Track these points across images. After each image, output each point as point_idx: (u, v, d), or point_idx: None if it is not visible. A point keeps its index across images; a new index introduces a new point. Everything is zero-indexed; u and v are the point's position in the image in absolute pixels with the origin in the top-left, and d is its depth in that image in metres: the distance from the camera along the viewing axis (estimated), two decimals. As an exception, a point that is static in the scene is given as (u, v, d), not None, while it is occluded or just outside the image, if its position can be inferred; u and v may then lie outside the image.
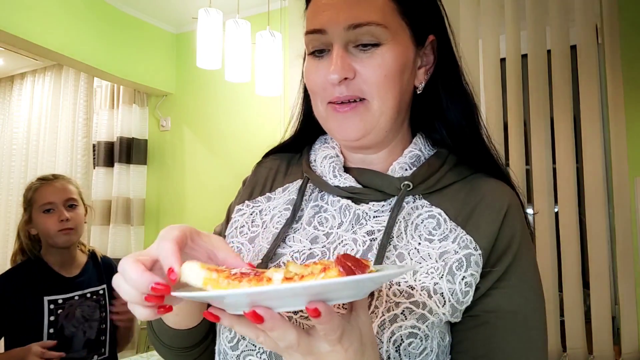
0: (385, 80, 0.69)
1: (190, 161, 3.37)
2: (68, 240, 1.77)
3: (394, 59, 0.69)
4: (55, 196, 1.77)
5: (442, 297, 0.65)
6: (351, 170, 0.76)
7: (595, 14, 2.15)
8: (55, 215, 1.75)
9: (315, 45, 0.72)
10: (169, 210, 3.42)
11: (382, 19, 0.69)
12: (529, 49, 2.22)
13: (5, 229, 3.64)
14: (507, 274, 0.69)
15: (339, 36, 0.69)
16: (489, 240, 0.69)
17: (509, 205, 0.71)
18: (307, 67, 0.74)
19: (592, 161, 2.10)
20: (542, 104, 2.19)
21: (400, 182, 0.72)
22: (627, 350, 2.01)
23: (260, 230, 0.77)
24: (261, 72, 2.60)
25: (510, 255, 0.69)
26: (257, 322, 0.47)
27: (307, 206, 0.76)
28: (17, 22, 2.53)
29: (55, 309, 1.73)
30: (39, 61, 3.63)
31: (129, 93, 3.42)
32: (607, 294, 2.05)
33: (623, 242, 2.04)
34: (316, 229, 0.73)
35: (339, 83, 0.69)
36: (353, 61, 0.69)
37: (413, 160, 0.75)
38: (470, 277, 0.66)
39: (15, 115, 3.92)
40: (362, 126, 0.71)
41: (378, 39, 0.68)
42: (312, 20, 0.72)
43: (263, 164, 0.88)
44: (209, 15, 2.49)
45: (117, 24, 3.10)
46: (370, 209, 0.72)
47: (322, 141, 0.84)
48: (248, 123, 3.14)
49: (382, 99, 0.70)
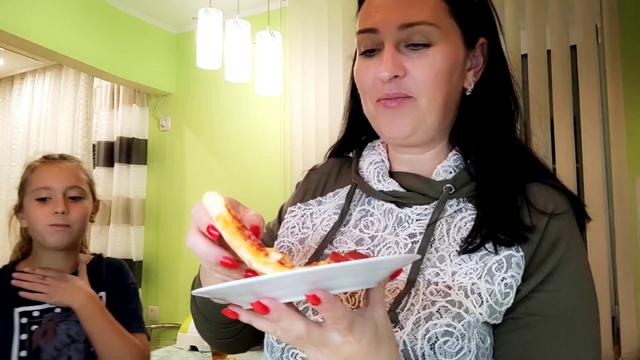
0: (434, 80, 0.70)
1: (190, 161, 3.37)
2: (58, 240, 1.32)
3: (445, 59, 0.70)
4: (55, 180, 1.34)
5: (480, 297, 0.65)
6: (395, 175, 0.78)
7: (595, 14, 2.14)
8: (49, 205, 1.33)
9: (367, 44, 0.73)
10: (169, 210, 3.42)
11: (434, 19, 0.70)
12: (529, 49, 2.22)
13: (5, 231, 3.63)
14: (552, 276, 0.67)
15: (390, 35, 0.70)
16: (533, 241, 0.68)
17: (555, 207, 0.71)
18: (358, 66, 0.76)
19: (592, 161, 2.10)
20: (542, 104, 2.19)
21: (442, 185, 0.73)
22: (627, 350, 2.01)
23: (310, 232, 0.80)
24: (261, 72, 2.60)
25: (556, 257, 0.68)
26: (264, 313, 0.48)
27: (354, 210, 0.79)
28: (17, 22, 2.53)
29: (28, 324, 1.28)
30: (39, 61, 3.63)
31: (129, 93, 3.41)
32: (607, 294, 2.05)
33: (623, 242, 2.04)
34: (362, 232, 0.75)
35: (389, 80, 0.70)
36: (404, 60, 0.70)
37: (458, 163, 0.76)
38: (511, 279, 0.66)
39: (15, 115, 3.91)
40: (410, 122, 0.72)
41: (429, 39, 0.70)
42: (364, 20, 0.74)
43: (317, 169, 0.91)
44: (209, 15, 2.49)
45: (117, 24, 3.10)
46: (412, 212, 0.73)
47: (370, 148, 0.85)
48: (248, 123, 3.13)
49: (430, 98, 0.71)
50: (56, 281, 1.30)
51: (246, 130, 3.14)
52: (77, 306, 1.28)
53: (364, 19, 0.74)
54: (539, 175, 0.75)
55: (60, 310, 1.30)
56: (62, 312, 1.30)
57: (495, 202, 0.70)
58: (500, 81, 0.77)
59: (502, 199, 0.70)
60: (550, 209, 0.70)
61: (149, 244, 3.41)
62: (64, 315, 1.31)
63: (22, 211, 1.39)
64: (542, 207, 0.70)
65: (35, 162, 1.41)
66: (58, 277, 1.32)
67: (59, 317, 1.30)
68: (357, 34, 0.75)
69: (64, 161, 1.41)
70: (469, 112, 0.76)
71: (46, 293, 1.29)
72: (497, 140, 0.75)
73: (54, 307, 1.30)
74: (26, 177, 1.40)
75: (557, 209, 0.71)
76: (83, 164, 1.45)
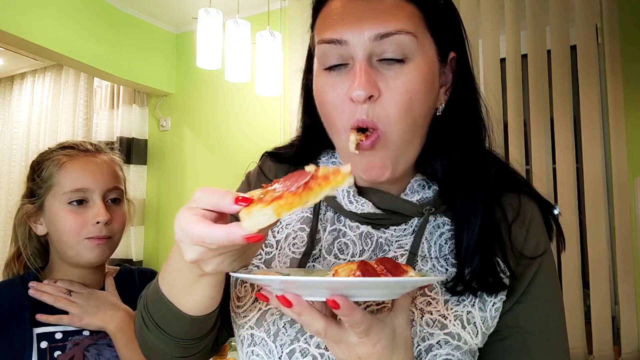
0: (409, 104, 0.62)
1: (190, 161, 3.37)
2: (98, 257, 1.06)
3: (421, 77, 0.63)
4: (94, 181, 1.06)
5: (475, 326, 0.65)
6: (366, 192, 0.71)
7: (595, 14, 2.15)
8: (87, 212, 1.05)
9: (332, 58, 0.64)
10: (169, 210, 3.42)
11: (411, 27, 0.62)
12: (529, 49, 2.22)
13: (5, 232, 3.64)
14: (529, 287, 0.68)
15: (362, 47, 0.62)
16: (515, 259, 0.68)
17: (531, 218, 0.70)
18: (321, 84, 0.66)
19: (592, 161, 2.10)
20: (542, 104, 2.19)
21: (422, 207, 0.69)
22: (627, 350, 2.01)
23: (275, 252, 0.73)
24: (261, 72, 2.60)
25: (532, 271, 0.68)
26: (287, 307, 0.52)
27: (323, 228, 0.72)
28: (17, 22, 2.53)
29: (49, 350, 1.02)
30: (39, 61, 3.63)
31: (129, 93, 3.42)
32: (607, 294, 2.05)
33: (623, 242, 2.04)
34: (337, 258, 0.70)
35: (363, 101, 0.61)
36: (377, 78, 0.62)
37: (428, 175, 0.72)
38: (499, 302, 0.67)
39: (15, 115, 3.92)
40: (389, 163, 0.64)
41: (405, 52, 0.62)
42: (329, 29, 0.64)
43: (266, 168, 0.82)
44: (209, 16, 2.49)
45: (117, 24, 3.10)
46: (392, 235, 0.69)
47: (329, 156, 0.79)
48: (248, 123, 3.13)
49: (403, 127, 0.63)
50: (85, 299, 1.05)
51: (246, 130, 3.14)
52: (113, 329, 1.03)
53: (328, 27, 0.64)
54: (513, 184, 0.73)
55: (89, 332, 1.05)
56: (91, 334, 1.05)
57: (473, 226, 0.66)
58: (470, 100, 0.71)
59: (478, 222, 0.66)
60: (527, 222, 0.70)
61: (149, 244, 3.41)
62: (93, 338, 1.05)
63: (39, 215, 1.09)
64: (521, 220, 0.69)
65: (62, 153, 1.09)
66: (87, 294, 1.06)
67: (88, 341, 1.05)
68: (318, 44, 0.65)
69: (99, 154, 1.11)
70: (435, 132, 0.69)
71: (73, 314, 1.03)
72: (466, 159, 0.69)
73: (81, 329, 1.05)
74: (51, 173, 1.07)
75: (533, 222, 0.70)
76: (117, 156, 1.17)
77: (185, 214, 0.52)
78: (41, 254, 1.13)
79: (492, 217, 0.67)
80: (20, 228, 1.12)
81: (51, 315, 1.03)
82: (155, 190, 3.48)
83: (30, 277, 1.08)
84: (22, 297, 1.04)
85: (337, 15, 0.64)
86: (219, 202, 0.52)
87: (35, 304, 1.04)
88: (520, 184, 0.74)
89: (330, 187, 0.48)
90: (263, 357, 0.67)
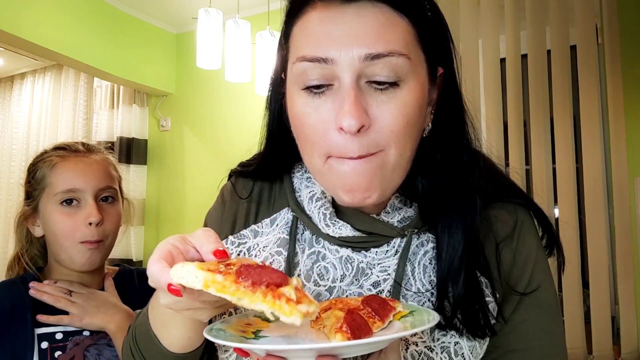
0: (406, 128, 0.57)
1: (190, 161, 3.37)
2: (90, 261, 1.06)
3: (415, 101, 0.57)
4: (84, 181, 1.06)
5: (464, 357, 0.61)
6: (344, 213, 0.66)
7: (595, 14, 2.15)
8: (80, 213, 1.05)
9: (314, 77, 0.56)
10: (169, 210, 3.42)
11: (405, 48, 0.56)
12: (529, 49, 2.22)
13: (5, 232, 3.64)
14: (520, 303, 0.65)
15: (350, 68, 0.55)
16: (504, 275, 0.64)
17: (522, 225, 0.66)
18: (300, 105, 0.58)
19: (592, 161, 2.10)
20: (542, 104, 2.19)
21: (404, 229, 0.64)
22: (627, 350, 2.01)
23: None
24: (261, 72, 2.60)
25: (523, 284, 0.65)
26: None
27: (301, 250, 0.67)
28: (17, 22, 2.53)
29: (50, 350, 1.02)
30: (39, 61, 3.63)
31: (129, 93, 3.42)
32: (607, 294, 2.05)
33: (623, 242, 2.04)
34: (317, 285, 0.65)
35: (355, 132, 0.54)
36: (367, 104, 0.55)
37: (408, 191, 0.67)
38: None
39: (15, 115, 3.92)
40: (378, 184, 0.57)
41: (398, 74, 0.55)
42: (312, 44, 0.57)
43: (239, 185, 0.77)
44: (209, 15, 2.49)
45: (117, 24, 3.10)
46: (374, 258, 0.64)
47: (302, 172, 0.73)
48: (248, 123, 3.13)
49: (400, 151, 0.57)
50: (85, 299, 1.05)
51: (246, 130, 3.14)
52: (113, 329, 1.03)
53: (310, 42, 0.57)
54: (502, 194, 0.68)
55: (89, 332, 1.05)
56: (91, 334, 1.05)
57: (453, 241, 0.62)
58: (455, 117, 0.65)
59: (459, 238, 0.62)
60: (516, 234, 0.65)
61: (148, 244, 3.41)
62: (93, 338, 1.05)
63: (35, 216, 1.09)
64: (507, 234, 0.65)
65: (54, 154, 1.09)
66: (87, 294, 1.06)
67: (88, 341, 1.04)
68: (297, 61, 0.57)
69: (91, 154, 1.11)
70: (420, 152, 0.63)
71: (74, 314, 1.03)
72: (448, 176, 0.64)
73: (81, 329, 1.05)
74: (44, 174, 1.07)
75: (523, 230, 0.66)
76: (111, 156, 1.16)
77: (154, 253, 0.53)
78: (43, 255, 1.14)
79: (475, 235, 0.63)
80: (19, 230, 1.12)
81: (51, 316, 1.02)
82: (155, 190, 3.48)
83: (30, 277, 1.08)
84: (23, 297, 1.04)
85: (320, 29, 0.56)
86: (201, 245, 0.53)
87: (36, 304, 1.04)
88: (510, 194, 0.69)
89: (272, 308, 0.46)
90: None
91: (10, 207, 3.63)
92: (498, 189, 0.68)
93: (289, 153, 0.69)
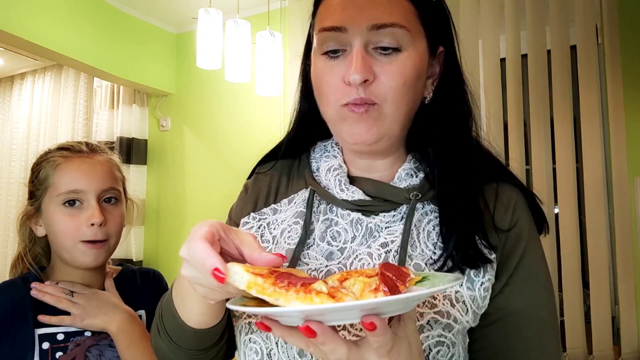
0: (402, 87, 0.68)
1: (190, 161, 3.37)
2: (92, 261, 1.06)
3: (413, 66, 0.69)
4: (87, 182, 1.06)
5: (465, 304, 0.66)
6: (357, 181, 0.76)
7: (595, 14, 2.15)
8: (82, 213, 1.05)
9: (331, 44, 0.70)
10: (169, 210, 3.42)
11: (406, 21, 0.68)
12: (529, 49, 2.22)
13: (4, 232, 3.65)
14: (517, 269, 0.70)
15: (360, 35, 0.67)
16: (501, 240, 0.70)
17: (515, 203, 0.73)
18: (320, 67, 0.72)
19: (592, 161, 2.10)
20: (542, 104, 2.19)
21: (409, 192, 0.72)
22: (627, 350, 2.01)
23: (272, 247, 0.76)
24: (261, 72, 2.60)
25: (519, 252, 0.71)
26: (310, 337, 0.49)
27: (317, 219, 0.75)
28: (17, 22, 2.53)
29: (52, 351, 1.02)
30: (39, 61, 3.63)
31: (129, 93, 3.42)
32: (607, 294, 2.05)
33: (623, 242, 2.04)
34: (330, 245, 0.73)
35: (359, 84, 0.67)
36: (373, 64, 0.68)
37: (417, 164, 0.76)
38: (488, 282, 0.68)
39: (15, 115, 3.91)
40: (375, 130, 0.69)
41: (399, 42, 0.68)
42: (329, 17, 0.70)
43: (262, 171, 0.86)
44: (209, 15, 2.49)
45: (117, 24, 3.10)
46: (381, 220, 0.72)
47: (322, 149, 0.83)
48: (248, 123, 3.13)
49: (397, 105, 0.69)
50: (87, 299, 1.05)
51: (246, 130, 3.14)
52: (115, 330, 1.03)
53: (329, 15, 0.70)
54: (498, 174, 0.76)
55: (91, 332, 1.05)
56: (92, 334, 1.05)
57: (458, 207, 0.70)
58: (456, 90, 0.76)
59: (463, 204, 0.70)
60: (512, 207, 0.73)
61: (148, 244, 3.41)
62: (95, 339, 1.05)
63: (38, 216, 1.10)
64: (504, 205, 0.73)
65: (58, 154, 1.09)
66: (89, 295, 1.06)
67: (89, 342, 1.04)
68: (319, 31, 0.71)
69: (95, 155, 1.11)
70: (425, 120, 0.75)
71: (75, 314, 1.03)
72: (454, 147, 0.74)
73: (83, 330, 1.05)
74: (46, 174, 1.07)
75: (517, 207, 0.73)
76: (114, 156, 1.16)
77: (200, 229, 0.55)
78: (47, 254, 1.14)
79: (476, 202, 0.71)
80: (22, 229, 1.12)
81: (53, 316, 1.02)
82: (155, 191, 3.48)
83: (32, 277, 1.08)
84: (25, 297, 1.04)
85: (338, 5, 0.70)
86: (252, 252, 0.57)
87: (37, 304, 1.04)
88: (504, 174, 0.77)
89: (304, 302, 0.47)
90: (260, 343, 0.69)
91: (10, 207, 3.63)
92: (497, 169, 0.77)
93: (313, 132, 0.82)
